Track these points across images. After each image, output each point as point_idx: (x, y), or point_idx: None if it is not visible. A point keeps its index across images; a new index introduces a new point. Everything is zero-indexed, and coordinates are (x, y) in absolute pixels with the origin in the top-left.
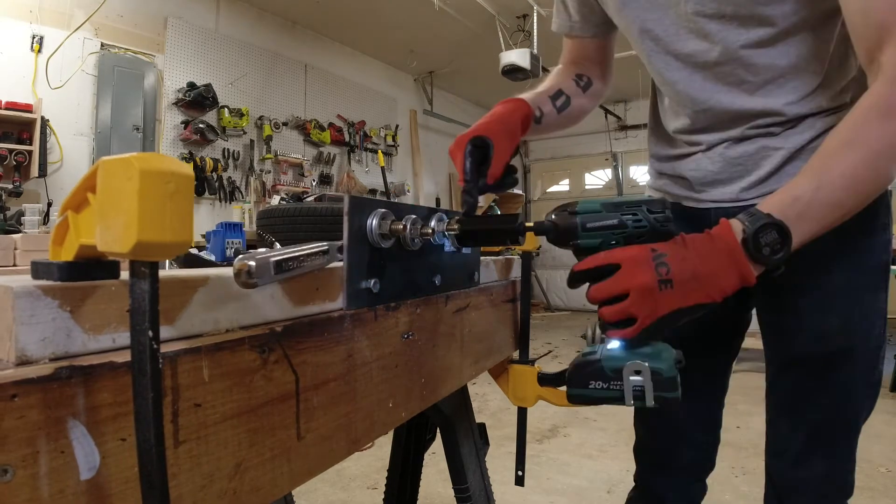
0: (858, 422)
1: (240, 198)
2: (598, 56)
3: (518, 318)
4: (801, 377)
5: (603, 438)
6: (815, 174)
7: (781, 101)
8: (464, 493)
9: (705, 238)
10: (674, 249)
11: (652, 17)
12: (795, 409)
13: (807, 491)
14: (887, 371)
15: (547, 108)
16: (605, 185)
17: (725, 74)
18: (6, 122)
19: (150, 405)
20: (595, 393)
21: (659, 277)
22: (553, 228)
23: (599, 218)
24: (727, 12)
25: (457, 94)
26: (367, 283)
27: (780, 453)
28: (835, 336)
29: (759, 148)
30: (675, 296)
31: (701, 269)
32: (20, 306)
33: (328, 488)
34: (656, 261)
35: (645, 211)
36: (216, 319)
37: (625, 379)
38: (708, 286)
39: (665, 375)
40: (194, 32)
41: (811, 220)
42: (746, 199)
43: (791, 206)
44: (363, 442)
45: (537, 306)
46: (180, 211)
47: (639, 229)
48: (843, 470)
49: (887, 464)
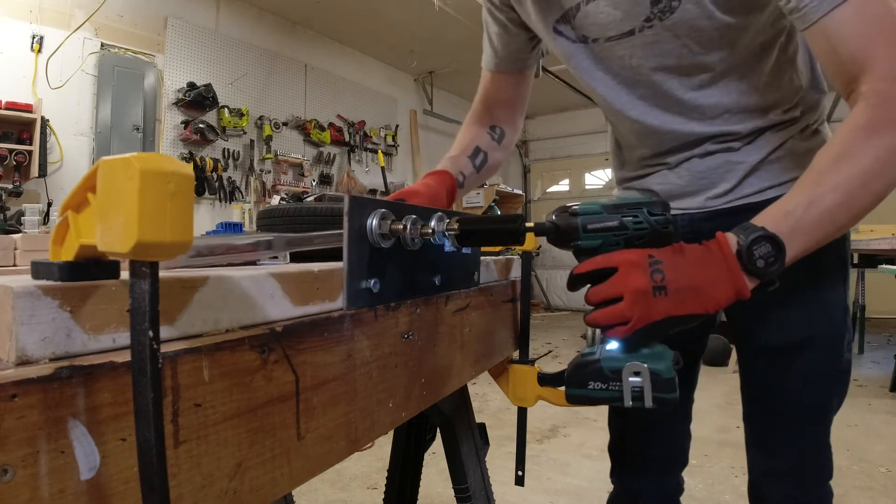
0: (828, 408)
1: (240, 198)
2: (514, 95)
3: (518, 318)
4: (767, 367)
5: (603, 438)
6: (807, 190)
7: (735, 125)
8: (464, 493)
9: (702, 249)
10: (671, 257)
11: (600, 69)
12: (766, 398)
13: (784, 479)
14: (887, 371)
15: (468, 171)
16: (605, 185)
17: (678, 112)
18: (6, 122)
19: (150, 405)
20: (594, 393)
21: (654, 283)
22: (554, 229)
23: (600, 219)
24: (669, 64)
25: (457, 94)
26: (367, 282)
27: (757, 443)
28: (796, 327)
29: (722, 162)
30: (669, 303)
31: (697, 279)
32: (20, 306)
33: (328, 488)
34: (652, 266)
35: (646, 213)
36: (216, 319)
37: (624, 380)
38: (702, 297)
39: (664, 377)
40: (194, 32)
41: (804, 233)
42: (712, 207)
43: (784, 220)
44: (363, 442)
45: (537, 306)
46: (181, 211)
47: (639, 231)
48: (819, 456)
49: (887, 464)
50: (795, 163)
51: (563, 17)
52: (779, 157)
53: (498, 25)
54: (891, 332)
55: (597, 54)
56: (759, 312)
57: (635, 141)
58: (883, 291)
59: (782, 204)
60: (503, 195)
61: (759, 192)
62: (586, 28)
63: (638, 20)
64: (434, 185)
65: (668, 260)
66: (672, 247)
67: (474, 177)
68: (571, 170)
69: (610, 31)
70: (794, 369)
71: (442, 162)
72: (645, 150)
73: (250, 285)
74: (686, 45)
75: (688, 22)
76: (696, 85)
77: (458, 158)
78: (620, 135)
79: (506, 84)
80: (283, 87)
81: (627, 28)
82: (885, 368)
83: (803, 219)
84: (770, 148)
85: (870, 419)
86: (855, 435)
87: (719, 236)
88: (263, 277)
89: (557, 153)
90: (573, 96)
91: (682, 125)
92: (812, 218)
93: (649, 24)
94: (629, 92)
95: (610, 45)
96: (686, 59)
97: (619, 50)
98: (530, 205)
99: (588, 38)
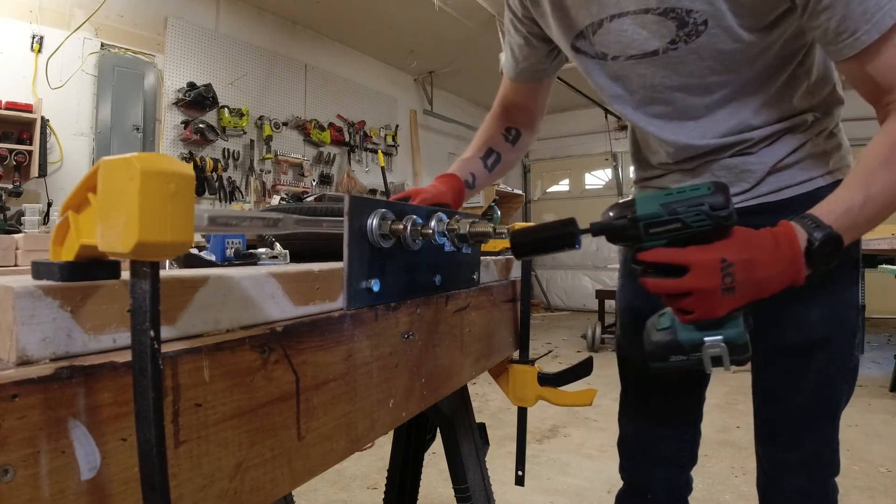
0: (840, 405)
1: (240, 198)
2: (532, 101)
3: (518, 318)
4: (785, 365)
5: (603, 438)
6: (861, 189)
7: (752, 133)
8: (464, 493)
9: (771, 241)
10: (742, 257)
11: (617, 85)
12: (781, 395)
13: (797, 472)
14: (887, 371)
15: (479, 171)
16: (605, 185)
17: (695, 127)
18: (6, 122)
19: (150, 405)
20: (677, 364)
21: (724, 286)
22: (613, 230)
23: (662, 223)
24: (691, 83)
25: (457, 94)
26: (368, 282)
27: (770, 438)
28: (815, 326)
29: (739, 163)
30: (734, 299)
31: (763, 276)
32: (21, 306)
33: (328, 488)
34: (724, 270)
35: (708, 209)
36: (217, 319)
37: (703, 351)
38: (763, 290)
39: (738, 343)
40: (194, 32)
41: (855, 230)
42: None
43: (844, 217)
44: (363, 442)
45: (537, 306)
46: (181, 211)
47: (702, 227)
48: (829, 450)
49: (887, 464)
50: (813, 163)
51: (582, 33)
52: (798, 158)
53: (520, 37)
54: (891, 332)
55: (615, 72)
56: (778, 311)
57: (655, 146)
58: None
59: (842, 200)
60: (503, 195)
61: (775, 192)
62: (606, 45)
63: (663, 41)
64: (441, 187)
65: (739, 261)
66: (742, 239)
67: (486, 177)
68: (571, 170)
69: (632, 49)
70: (813, 367)
71: (453, 165)
72: (662, 157)
73: (250, 285)
74: (709, 65)
75: (714, 45)
76: (715, 101)
77: (470, 160)
78: (642, 138)
79: (524, 91)
80: (283, 87)
81: (651, 48)
82: (885, 368)
83: (858, 217)
84: (788, 150)
85: (870, 419)
86: (855, 435)
87: (789, 230)
88: (264, 277)
89: (557, 153)
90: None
91: (699, 139)
92: (865, 216)
93: (674, 46)
94: (646, 109)
95: (630, 64)
96: (707, 77)
97: (639, 69)
98: (530, 205)
99: (607, 55)
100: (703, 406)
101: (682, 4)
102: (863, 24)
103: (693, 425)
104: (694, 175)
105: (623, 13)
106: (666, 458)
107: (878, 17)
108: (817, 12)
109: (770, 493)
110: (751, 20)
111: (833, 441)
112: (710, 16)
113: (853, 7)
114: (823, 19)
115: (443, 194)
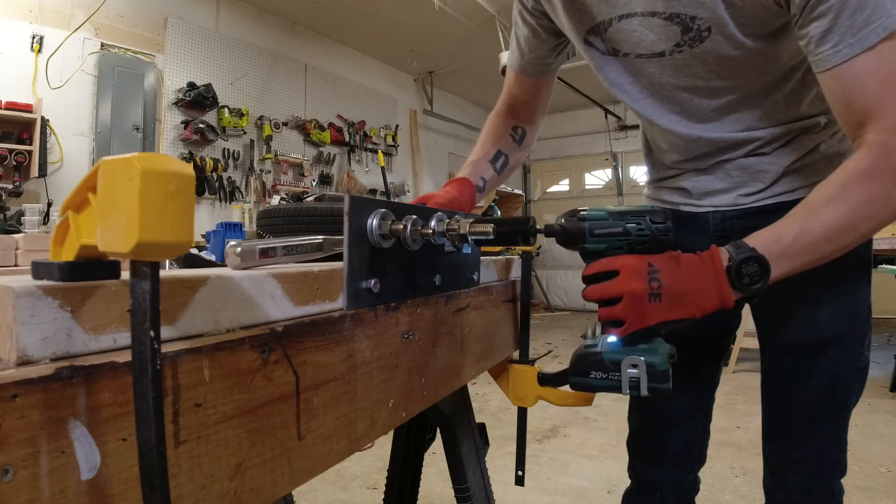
0: (848, 405)
1: (240, 198)
2: (536, 96)
3: (518, 318)
4: (794, 364)
5: (603, 438)
6: (800, 220)
7: (764, 132)
8: (464, 493)
9: (696, 260)
10: (668, 266)
11: (629, 81)
12: (790, 394)
13: (803, 471)
14: (887, 371)
15: (489, 175)
16: (605, 185)
17: (706, 122)
18: (6, 122)
19: (150, 405)
20: (595, 382)
21: (650, 290)
22: (562, 232)
23: (606, 225)
24: (698, 86)
25: (457, 94)
26: (368, 283)
27: (777, 438)
28: (825, 324)
29: (754, 162)
30: (663, 309)
31: (688, 288)
32: (21, 306)
33: (328, 488)
34: (651, 274)
35: (648, 221)
36: (217, 319)
37: (623, 371)
38: (691, 304)
39: (658, 369)
40: (194, 32)
41: (790, 258)
42: (744, 204)
43: (774, 245)
44: (363, 442)
45: (537, 306)
46: (181, 211)
47: (641, 237)
48: (836, 450)
49: (887, 464)
50: (827, 164)
51: (593, 30)
52: (812, 160)
53: (528, 29)
54: (891, 332)
55: (627, 67)
56: (788, 310)
57: (665, 146)
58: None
59: (776, 228)
60: (503, 195)
61: (790, 192)
62: (617, 43)
63: (668, 44)
64: (454, 192)
65: (665, 268)
66: (670, 255)
67: (495, 179)
68: (571, 170)
69: (640, 49)
70: (821, 365)
71: (463, 168)
72: (675, 156)
73: (250, 285)
74: (714, 70)
75: (717, 51)
76: (724, 104)
77: (479, 163)
78: (651, 138)
79: (529, 85)
80: (283, 87)
81: (658, 50)
82: (885, 368)
83: (792, 246)
84: (802, 151)
85: (870, 419)
86: (855, 435)
87: (713, 250)
88: (264, 277)
89: (557, 153)
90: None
91: (710, 132)
92: (800, 246)
93: (679, 49)
94: (657, 104)
95: (640, 62)
96: (714, 82)
97: (648, 67)
98: (530, 205)
99: (619, 51)
100: (713, 407)
101: (687, 11)
102: (848, 36)
103: (703, 425)
104: (708, 174)
105: (632, 14)
106: (676, 458)
107: (864, 33)
108: (809, 20)
109: (775, 492)
110: (753, 28)
111: (841, 441)
112: (713, 23)
113: (843, 18)
114: (813, 27)
115: (457, 200)
